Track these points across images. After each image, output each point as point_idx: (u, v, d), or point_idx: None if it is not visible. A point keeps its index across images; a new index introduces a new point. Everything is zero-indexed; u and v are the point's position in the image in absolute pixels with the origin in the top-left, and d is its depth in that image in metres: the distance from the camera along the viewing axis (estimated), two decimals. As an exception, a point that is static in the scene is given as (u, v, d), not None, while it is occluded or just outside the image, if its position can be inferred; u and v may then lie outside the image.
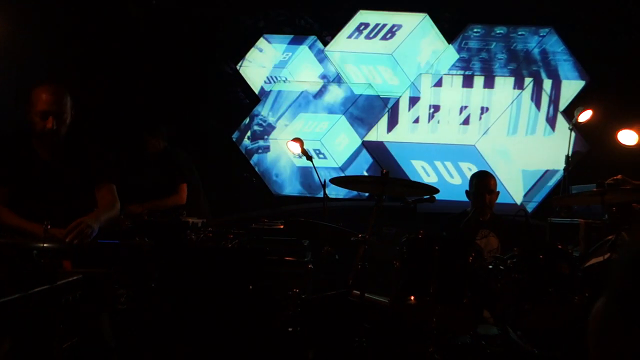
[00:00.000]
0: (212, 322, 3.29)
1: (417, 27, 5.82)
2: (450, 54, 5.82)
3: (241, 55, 5.89)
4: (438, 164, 5.81)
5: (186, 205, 4.36)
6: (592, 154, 5.56)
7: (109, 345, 2.44)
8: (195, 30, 5.72)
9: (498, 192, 3.88)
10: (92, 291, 2.21)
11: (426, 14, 5.82)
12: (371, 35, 5.84)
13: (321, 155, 5.81)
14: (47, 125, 2.73)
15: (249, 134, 5.90)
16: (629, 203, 3.88)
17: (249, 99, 5.93)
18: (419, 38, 5.83)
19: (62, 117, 2.78)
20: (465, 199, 3.96)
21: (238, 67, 5.89)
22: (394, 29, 5.83)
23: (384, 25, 5.85)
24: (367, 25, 5.85)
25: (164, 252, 3.30)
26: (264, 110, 5.88)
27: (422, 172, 5.79)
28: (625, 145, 4.12)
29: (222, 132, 5.92)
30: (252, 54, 5.88)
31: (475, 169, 5.39)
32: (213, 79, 5.92)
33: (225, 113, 5.95)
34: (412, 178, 5.57)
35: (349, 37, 5.86)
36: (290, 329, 3.25)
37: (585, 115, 4.43)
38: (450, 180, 5.77)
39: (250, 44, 5.89)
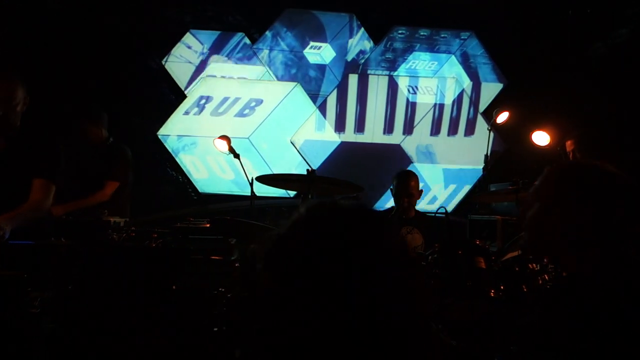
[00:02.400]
0: (135, 323, 3.21)
1: (344, 28, 5.90)
2: (376, 54, 5.94)
3: (166, 50, 5.74)
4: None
5: (114, 205, 4.18)
6: (509, 153, 5.83)
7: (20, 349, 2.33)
8: (119, 23, 5.53)
9: (421, 191, 4.00)
10: (2, 295, 2.10)
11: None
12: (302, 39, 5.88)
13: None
14: None
15: (175, 130, 5.77)
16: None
17: (175, 95, 5.79)
18: (346, 38, 5.91)
19: (11, 103, 2.66)
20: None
21: (163, 63, 5.74)
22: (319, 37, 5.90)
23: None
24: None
25: (83, 252, 3.18)
26: (190, 107, 5.77)
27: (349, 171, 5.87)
28: (538, 145, 4.34)
29: (147, 129, 5.75)
30: (178, 49, 5.75)
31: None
32: (137, 74, 5.75)
33: (151, 109, 5.79)
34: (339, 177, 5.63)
35: (280, 36, 5.86)
36: (215, 329, 3.22)
37: (502, 117, 4.62)
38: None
39: (176, 39, 5.75)
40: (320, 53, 5.88)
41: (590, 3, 5.49)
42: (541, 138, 4.30)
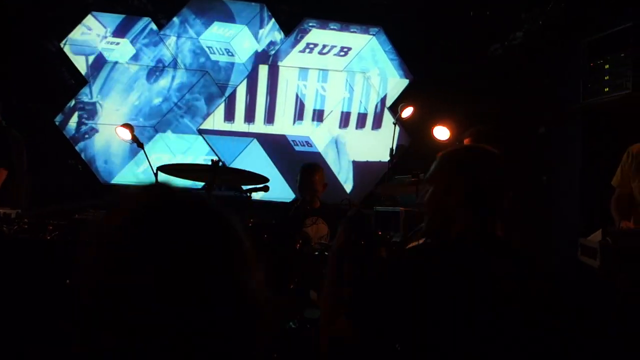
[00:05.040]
0: (27, 320, 3.04)
1: (254, 17, 5.85)
2: (287, 46, 5.94)
3: (66, 32, 5.43)
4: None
5: (4, 195, 3.93)
6: (413, 147, 6.03)
7: None
8: (14, 1, 5.17)
9: (325, 184, 4.05)
10: None
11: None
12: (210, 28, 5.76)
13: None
14: None
15: (74, 117, 5.48)
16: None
17: (75, 80, 5.49)
18: (257, 28, 5.86)
19: None
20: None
21: (62, 45, 5.43)
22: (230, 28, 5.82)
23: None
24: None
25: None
26: (91, 93, 5.50)
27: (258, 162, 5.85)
28: (439, 140, 4.51)
29: (43, 115, 5.42)
30: (79, 32, 5.46)
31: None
32: (33, 57, 5.39)
33: (47, 94, 5.45)
34: (248, 168, 5.60)
35: (188, 23, 5.71)
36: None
37: (407, 112, 4.76)
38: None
39: (76, 20, 5.45)
40: (230, 42, 5.80)
41: (490, 5, 5.77)
42: (441, 133, 4.48)
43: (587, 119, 5.09)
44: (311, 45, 5.99)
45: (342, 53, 6.05)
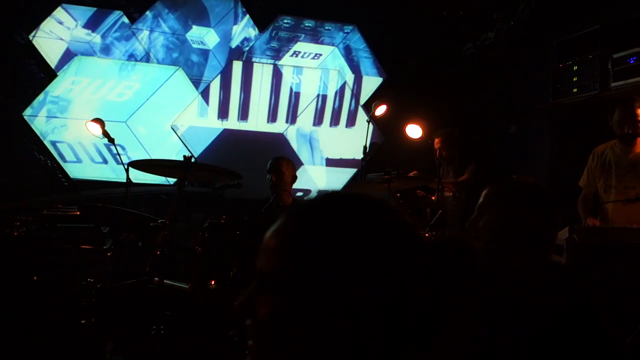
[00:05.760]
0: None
1: (228, 13, 5.81)
2: (261, 42, 5.91)
3: (35, 24, 5.32)
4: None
5: None
6: (387, 144, 6.07)
7: None
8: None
9: (294, 177, 4.03)
10: None
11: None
12: (184, 23, 5.70)
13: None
14: None
15: (43, 112, 5.37)
16: (413, 190, 4.34)
17: (44, 74, 5.38)
18: (231, 24, 5.82)
19: None
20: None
21: (31, 38, 5.32)
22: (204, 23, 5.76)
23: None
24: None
25: None
26: (61, 87, 5.39)
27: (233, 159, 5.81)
28: (411, 138, 4.54)
29: (11, 109, 5.30)
30: (48, 24, 5.34)
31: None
32: (1, 49, 5.27)
33: (16, 88, 5.34)
34: (222, 164, 5.57)
35: (161, 17, 5.65)
36: (83, 321, 3.07)
37: (380, 110, 4.77)
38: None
39: (46, 12, 5.34)
40: (204, 37, 5.75)
41: (463, 5, 5.83)
42: (414, 131, 4.51)
43: (556, 119, 5.18)
44: (286, 42, 5.98)
45: (316, 57, 6.07)
